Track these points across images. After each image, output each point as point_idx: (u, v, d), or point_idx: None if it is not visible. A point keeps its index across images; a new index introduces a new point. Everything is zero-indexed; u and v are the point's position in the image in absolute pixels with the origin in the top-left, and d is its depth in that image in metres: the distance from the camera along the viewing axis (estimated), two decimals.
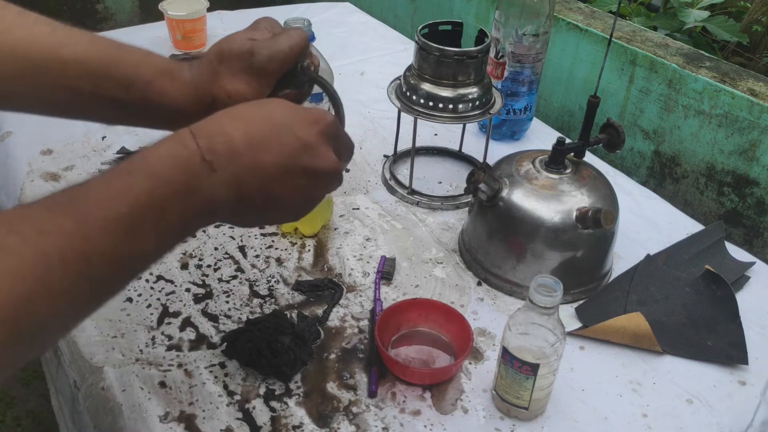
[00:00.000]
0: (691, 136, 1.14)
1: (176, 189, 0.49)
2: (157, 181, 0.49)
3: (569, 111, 1.35)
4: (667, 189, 1.21)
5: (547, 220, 0.83)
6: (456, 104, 0.95)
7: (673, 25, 1.43)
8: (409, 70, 0.99)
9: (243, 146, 0.52)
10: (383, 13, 1.80)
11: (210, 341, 0.78)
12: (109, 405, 0.71)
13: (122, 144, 1.09)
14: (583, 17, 1.30)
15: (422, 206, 1.02)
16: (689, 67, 1.12)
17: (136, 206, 0.47)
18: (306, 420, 0.70)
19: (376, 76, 1.32)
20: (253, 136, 0.53)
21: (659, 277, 0.90)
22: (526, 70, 1.11)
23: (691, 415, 0.74)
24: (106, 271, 0.46)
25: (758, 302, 0.89)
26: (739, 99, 1.05)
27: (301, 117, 0.56)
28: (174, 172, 0.49)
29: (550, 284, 0.65)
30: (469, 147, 1.15)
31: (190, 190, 0.50)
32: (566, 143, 0.86)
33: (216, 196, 0.52)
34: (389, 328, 0.78)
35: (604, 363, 0.80)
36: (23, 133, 1.11)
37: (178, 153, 0.50)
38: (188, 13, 1.35)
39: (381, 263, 0.90)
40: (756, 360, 0.80)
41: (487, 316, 0.85)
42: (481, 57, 0.94)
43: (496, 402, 0.73)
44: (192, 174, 0.50)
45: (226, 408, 0.71)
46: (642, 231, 1.01)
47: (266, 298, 0.84)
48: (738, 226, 1.11)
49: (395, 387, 0.75)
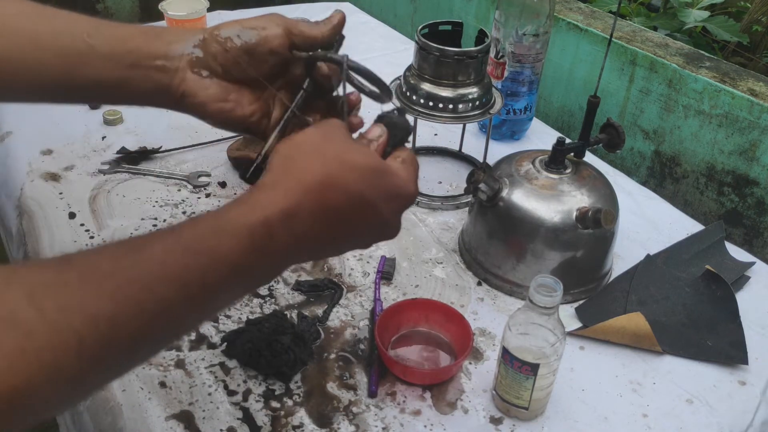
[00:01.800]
0: (691, 136, 1.14)
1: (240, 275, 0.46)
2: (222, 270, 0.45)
3: (569, 111, 1.35)
4: (667, 189, 1.21)
5: (547, 220, 0.83)
6: (456, 104, 0.95)
7: (673, 25, 1.43)
8: (409, 70, 0.99)
9: (326, 233, 0.50)
10: (383, 13, 1.80)
11: (210, 341, 0.78)
12: (109, 405, 0.71)
13: (122, 144, 1.08)
14: (583, 17, 1.30)
15: (422, 206, 1.02)
16: (689, 67, 1.12)
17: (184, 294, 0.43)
18: (306, 420, 0.70)
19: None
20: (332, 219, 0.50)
21: (659, 277, 0.90)
22: (526, 70, 1.11)
23: (691, 415, 0.74)
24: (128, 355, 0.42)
25: (758, 302, 0.89)
26: (739, 99, 1.05)
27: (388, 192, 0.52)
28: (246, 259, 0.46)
29: (550, 284, 0.65)
30: (469, 147, 1.15)
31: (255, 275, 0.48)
32: (566, 143, 0.86)
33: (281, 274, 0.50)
34: (389, 328, 0.78)
35: (604, 363, 0.80)
36: (23, 133, 1.11)
37: (259, 241, 0.47)
38: (188, 13, 1.35)
39: (381, 263, 0.90)
40: (756, 360, 0.80)
41: (487, 316, 0.85)
42: (481, 57, 0.94)
43: (496, 402, 0.73)
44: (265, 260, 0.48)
45: (226, 408, 0.71)
46: (642, 231, 1.01)
47: (266, 298, 0.84)
48: (738, 226, 1.11)
49: (395, 387, 0.75)
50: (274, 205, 0.48)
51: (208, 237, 0.46)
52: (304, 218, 0.48)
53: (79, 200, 0.97)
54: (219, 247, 0.45)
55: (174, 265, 0.44)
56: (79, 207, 0.96)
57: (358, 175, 0.50)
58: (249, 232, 0.46)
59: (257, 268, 0.48)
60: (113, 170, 1.04)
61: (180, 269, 0.44)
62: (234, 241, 0.46)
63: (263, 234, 0.47)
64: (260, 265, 0.48)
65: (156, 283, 0.42)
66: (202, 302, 0.46)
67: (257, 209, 0.47)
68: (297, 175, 0.49)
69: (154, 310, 0.42)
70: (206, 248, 0.45)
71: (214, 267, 0.45)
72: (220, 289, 0.46)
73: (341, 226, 0.51)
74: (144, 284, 0.42)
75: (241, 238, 0.46)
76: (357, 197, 0.50)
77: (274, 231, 0.47)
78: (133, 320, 0.41)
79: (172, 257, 0.44)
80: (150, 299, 0.42)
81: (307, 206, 0.48)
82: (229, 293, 0.48)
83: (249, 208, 0.48)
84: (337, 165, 0.50)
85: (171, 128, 1.14)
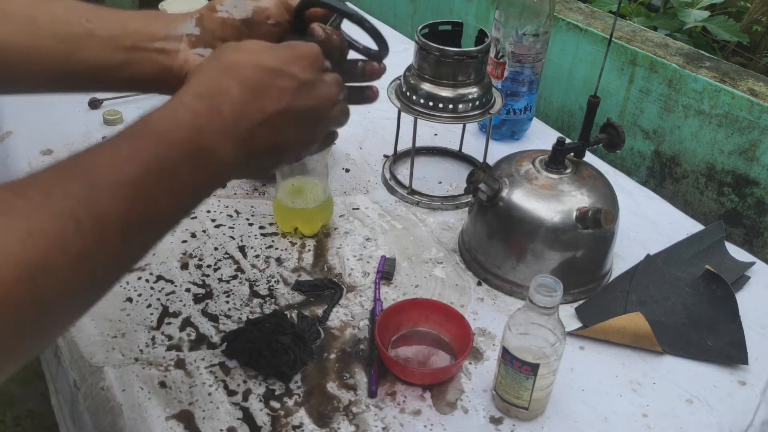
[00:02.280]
0: (691, 136, 1.14)
1: (186, 151, 0.49)
2: (166, 145, 0.48)
3: (569, 111, 1.35)
4: (667, 189, 1.21)
5: (547, 220, 0.83)
6: (456, 104, 0.95)
7: (673, 25, 1.43)
8: (409, 70, 0.99)
9: (245, 101, 0.52)
10: (383, 13, 1.80)
11: (210, 341, 0.78)
12: (109, 405, 0.71)
13: None
14: (583, 17, 1.30)
15: (422, 206, 1.02)
16: (689, 67, 1.12)
17: (145, 169, 0.46)
18: (306, 420, 0.70)
19: None
20: (252, 88, 0.53)
21: (659, 277, 0.90)
22: (526, 70, 1.11)
23: (691, 415, 0.74)
24: (121, 237, 0.44)
25: (758, 302, 0.89)
26: (739, 99, 1.05)
27: (288, 56, 0.55)
28: (181, 135, 0.49)
29: (550, 284, 0.65)
30: (469, 147, 1.15)
31: (201, 152, 0.49)
32: (566, 143, 0.86)
33: (227, 156, 0.51)
34: (389, 328, 0.78)
35: (604, 363, 0.80)
36: (23, 133, 1.11)
37: (183, 117, 0.50)
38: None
39: (381, 263, 0.90)
40: (756, 360, 0.80)
41: (487, 316, 0.85)
42: (481, 57, 0.94)
43: (496, 402, 0.73)
44: (200, 136, 0.49)
45: (226, 408, 0.71)
46: (642, 231, 1.01)
47: (266, 298, 0.84)
48: (738, 226, 1.11)
49: (395, 387, 0.75)
50: (189, 90, 0.52)
51: (140, 126, 0.49)
52: (221, 97, 0.51)
53: None
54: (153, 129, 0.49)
55: (123, 148, 0.46)
56: None
57: (254, 51, 0.55)
58: (171, 113, 0.50)
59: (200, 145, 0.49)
60: None
61: (129, 150, 0.46)
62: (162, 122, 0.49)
63: (185, 112, 0.50)
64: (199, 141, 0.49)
65: (118, 163, 0.45)
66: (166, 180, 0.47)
67: (175, 98, 0.51)
68: (204, 72, 0.54)
69: (127, 188, 0.44)
70: (143, 133, 0.48)
71: (158, 143, 0.48)
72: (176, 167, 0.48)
73: (260, 97, 0.53)
74: (108, 167, 0.44)
75: (166, 118, 0.49)
76: (258, 67, 0.54)
77: (195, 107, 0.50)
78: (113, 199, 0.43)
79: (120, 145, 0.47)
80: (119, 178, 0.44)
81: (218, 87, 0.52)
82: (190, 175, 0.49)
83: (169, 100, 0.51)
84: (233, 53, 0.55)
85: None
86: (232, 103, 0.52)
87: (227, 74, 0.53)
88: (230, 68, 0.54)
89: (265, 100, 0.53)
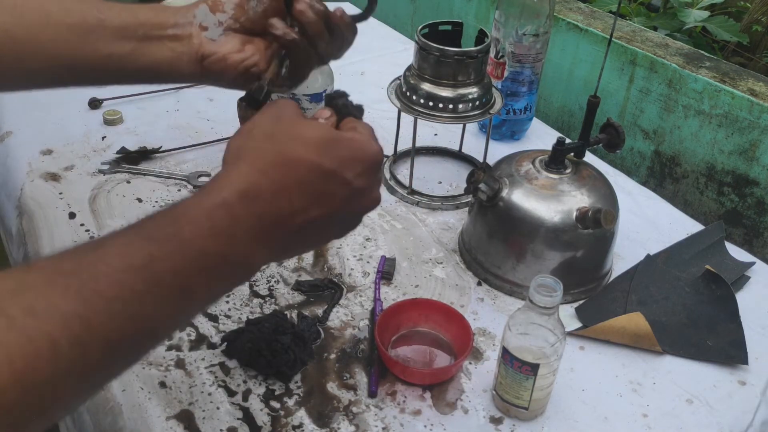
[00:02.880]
0: (691, 136, 1.14)
1: (210, 264, 0.45)
2: (190, 258, 0.44)
3: (569, 111, 1.35)
4: (667, 189, 1.21)
5: (547, 220, 0.83)
6: (456, 104, 0.95)
7: (673, 25, 1.43)
8: (409, 70, 0.99)
9: (293, 210, 0.48)
10: (383, 13, 1.80)
11: (210, 341, 0.78)
12: (109, 405, 0.71)
13: (122, 144, 1.08)
14: (583, 17, 1.30)
15: (422, 206, 1.02)
16: (689, 67, 1.12)
17: (154, 284, 0.42)
18: (306, 420, 0.70)
19: (376, 76, 1.32)
20: (303, 192, 0.48)
21: (659, 277, 0.90)
22: (526, 70, 1.11)
23: (691, 415, 0.74)
24: (104, 355, 0.40)
25: (758, 302, 0.89)
26: (739, 99, 1.05)
27: (348, 157, 0.49)
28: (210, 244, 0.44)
29: (550, 284, 0.65)
30: (469, 147, 1.15)
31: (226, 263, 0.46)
32: (566, 143, 0.86)
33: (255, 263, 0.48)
34: (389, 328, 0.78)
35: (604, 363, 0.80)
36: (23, 133, 1.11)
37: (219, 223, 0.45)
38: None
39: (381, 263, 0.90)
40: (756, 360, 0.80)
41: (487, 316, 0.85)
42: (481, 57, 0.94)
43: (496, 402, 0.73)
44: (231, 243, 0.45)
45: (226, 408, 0.71)
46: (642, 231, 1.01)
47: (266, 298, 0.84)
48: (738, 226, 1.11)
49: (395, 387, 0.75)
50: (231, 186, 0.46)
51: (167, 225, 0.45)
52: (265, 197, 0.47)
53: (79, 200, 0.97)
54: (180, 233, 0.44)
55: (137, 255, 0.42)
56: (79, 207, 0.96)
57: (312, 147, 0.49)
58: (207, 215, 0.45)
59: (228, 255, 0.46)
60: (113, 170, 1.04)
61: (144, 258, 0.42)
62: (193, 226, 0.44)
63: (223, 216, 0.45)
64: (229, 251, 0.46)
65: (122, 275, 0.41)
66: (175, 295, 0.44)
67: (213, 193, 0.46)
68: (250, 160, 0.48)
69: (124, 304, 0.41)
70: (167, 235, 0.44)
71: (180, 253, 0.43)
72: (192, 280, 0.44)
73: (307, 202, 0.48)
74: (110, 278, 0.40)
75: (200, 221, 0.45)
76: (315, 169, 0.48)
77: (235, 212, 0.46)
78: (105, 317, 0.40)
79: (135, 248, 0.43)
80: (119, 294, 0.40)
81: (265, 185, 0.47)
82: (205, 286, 0.46)
83: (205, 194, 0.46)
84: (288, 142, 0.49)
85: (171, 128, 1.14)
86: (279, 210, 0.47)
87: (279, 171, 0.48)
88: (284, 164, 0.48)
89: (312, 205, 0.48)
